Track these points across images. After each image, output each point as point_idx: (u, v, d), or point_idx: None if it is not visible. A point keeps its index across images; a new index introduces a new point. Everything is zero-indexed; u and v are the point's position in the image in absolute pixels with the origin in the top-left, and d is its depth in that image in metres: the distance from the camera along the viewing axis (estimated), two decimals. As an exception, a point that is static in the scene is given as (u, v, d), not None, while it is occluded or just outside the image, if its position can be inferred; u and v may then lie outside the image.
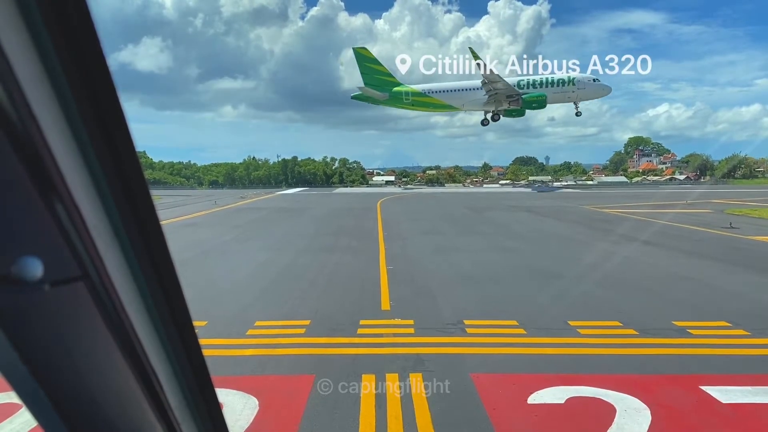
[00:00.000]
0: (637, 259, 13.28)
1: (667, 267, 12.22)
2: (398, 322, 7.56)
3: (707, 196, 44.15)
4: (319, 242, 16.70)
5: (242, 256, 14.37)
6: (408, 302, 8.76)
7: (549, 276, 11.10)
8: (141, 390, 0.86)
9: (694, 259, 13.20)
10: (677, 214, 25.95)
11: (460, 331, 7.17)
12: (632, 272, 11.49)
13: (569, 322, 7.57)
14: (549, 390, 5.17)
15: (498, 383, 5.43)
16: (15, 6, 0.53)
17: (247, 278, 11.14)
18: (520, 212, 29.39)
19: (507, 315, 7.95)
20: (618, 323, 7.53)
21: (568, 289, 9.79)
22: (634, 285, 10.21)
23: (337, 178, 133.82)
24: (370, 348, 6.46)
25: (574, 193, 58.18)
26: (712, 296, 9.30)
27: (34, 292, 0.63)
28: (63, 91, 0.60)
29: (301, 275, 11.26)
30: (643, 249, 14.98)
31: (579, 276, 11.09)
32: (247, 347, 6.58)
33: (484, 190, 76.71)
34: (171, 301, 0.84)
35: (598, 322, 7.63)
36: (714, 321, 7.63)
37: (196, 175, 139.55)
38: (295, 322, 7.61)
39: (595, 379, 5.48)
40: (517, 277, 11.12)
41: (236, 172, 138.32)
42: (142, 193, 0.72)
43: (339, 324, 7.46)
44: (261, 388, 5.34)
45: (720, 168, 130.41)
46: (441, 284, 10.26)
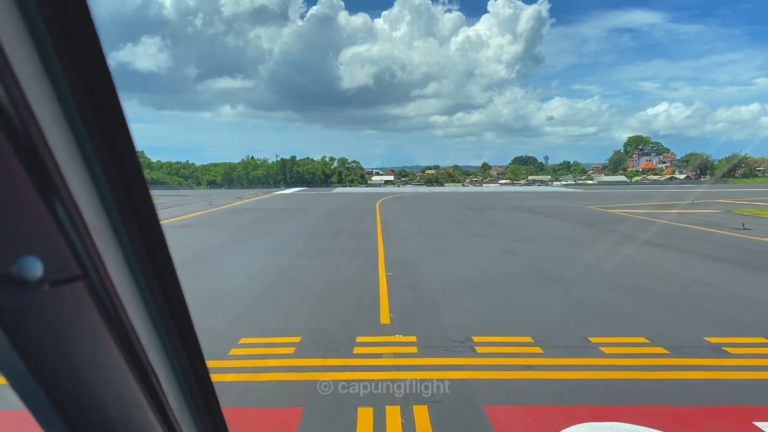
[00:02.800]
0: (652, 264, 12.51)
1: (685, 272, 11.46)
2: (399, 339, 6.79)
3: (711, 196, 43.52)
4: (316, 245, 15.91)
5: (233, 261, 13.58)
6: (410, 314, 7.99)
7: (560, 283, 10.33)
8: (141, 390, 0.85)
9: (713, 263, 12.44)
10: (684, 215, 25.23)
11: (468, 351, 6.40)
12: (648, 278, 10.73)
13: (590, 338, 6.81)
14: (578, 428, 4.39)
15: (517, 418, 4.65)
16: (14, 5, 0.52)
17: (237, 286, 10.35)
18: (523, 212, 28.65)
19: (520, 330, 7.18)
20: (644, 339, 6.76)
21: (582, 298, 9.03)
22: (654, 293, 9.45)
23: (336, 177, 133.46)
24: (367, 372, 5.67)
25: (575, 193, 57.59)
26: (740, 306, 8.53)
27: (33, 291, 0.62)
28: (63, 91, 0.59)
29: (295, 282, 10.48)
30: (655, 252, 14.22)
31: (592, 282, 10.32)
32: (229, 371, 5.80)
33: (484, 190, 76.10)
34: (171, 301, 0.83)
35: (622, 338, 6.86)
36: (750, 337, 6.87)
37: (194, 175, 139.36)
38: (284, 339, 6.82)
39: (629, 412, 4.70)
40: (527, 284, 10.34)
41: (234, 172, 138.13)
42: (142, 193, 0.72)
43: (333, 341, 6.67)
44: (241, 424, 4.57)
45: (720, 167, 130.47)
46: (445, 292, 9.48)
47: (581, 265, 12.28)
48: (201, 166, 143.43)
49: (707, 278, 10.75)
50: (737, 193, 49.70)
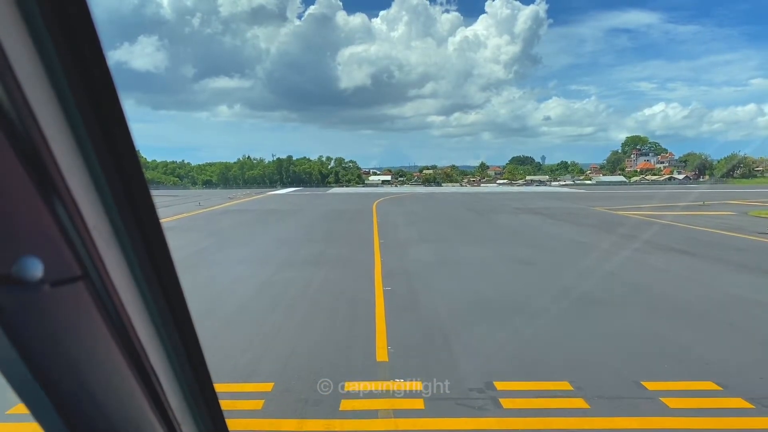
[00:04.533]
0: (684, 276, 11.04)
1: (725, 286, 9.99)
2: (400, 387, 5.27)
3: (718, 197, 42.22)
4: (305, 252, 14.38)
5: (212, 271, 12.02)
6: (412, 347, 6.47)
7: (588, 302, 8.83)
8: (141, 390, 0.84)
9: (752, 275, 10.97)
10: (699, 217, 23.81)
11: (491, 404, 4.88)
12: (687, 295, 9.25)
13: (643, 383, 5.32)
14: None
15: None
16: (15, 5, 0.52)
17: (209, 305, 8.79)
18: (528, 215, 27.17)
19: (553, 370, 5.68)
20: (714, 385, 5.27)
21: (619, 324, 7.53)
22: (700, 315, 7.96)
23: (333, 177, 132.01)
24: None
25: (576, 194, 56.26)
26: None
27: (34, 292, 0.62)
28: (63, 91, 0.59)
29: (275, 302, 8.94)
30: (683, 261, 12.74)
31: (624, 302, 8.83)
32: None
33: (482, 190, 74.69)
34: (171, 301, 0.82)
35: (683, 383, 5.37)
36: None
37: (189, 175, 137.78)
38: (251, 386, 5.28)
39: None
40: (549, 304, 8.83)
41: (230, 172, 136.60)
42: (142, 193, 0.71)
43: (314, 391, 5.14)
44: None
45: (719, 167, 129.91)
46: (453, 316, 7.96)
47: (608, 279, 10.75)
48: (197, 166, 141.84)
49: (755, 294, 9.27)
50: (744, 194, 48.42)
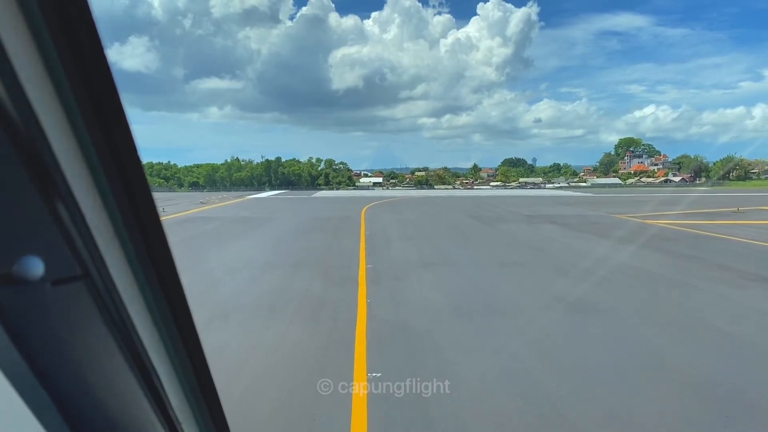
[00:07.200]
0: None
1: None
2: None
3: (733, 202, 38.74)
4: (262, 287, 10.21)
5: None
6: None
7: (712, 392, 4.76)
8: (142, 389, 0.84)
9: None
10: (750, 227, 20.04)
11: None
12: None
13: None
14: None
15: None
16: (15, 5, 0.52)
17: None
18: (544, 224, 23.20)
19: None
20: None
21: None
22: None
23: (323, 179, 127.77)
24: None
25: (581, 198, 52.68)
26: None
27: (35, 291, 0.61)
28: (64, 91, 0.59)
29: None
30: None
31: (750, 380, 4.80)
32: None
33: (479, 194, 70.97)
34: (172, 301, 0.82)
35: None
36: None
37: (176, 176, 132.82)
38: None
39: None
40: (659, 402, 4.72)
41: (217, 173, 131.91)
42: (143, 193, 0.71)
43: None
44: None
45: (716, 170, 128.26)
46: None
47: (718, 339, 6.65)
48: (183, 167, 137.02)
49: None
50: (758, 198, 45.16)
